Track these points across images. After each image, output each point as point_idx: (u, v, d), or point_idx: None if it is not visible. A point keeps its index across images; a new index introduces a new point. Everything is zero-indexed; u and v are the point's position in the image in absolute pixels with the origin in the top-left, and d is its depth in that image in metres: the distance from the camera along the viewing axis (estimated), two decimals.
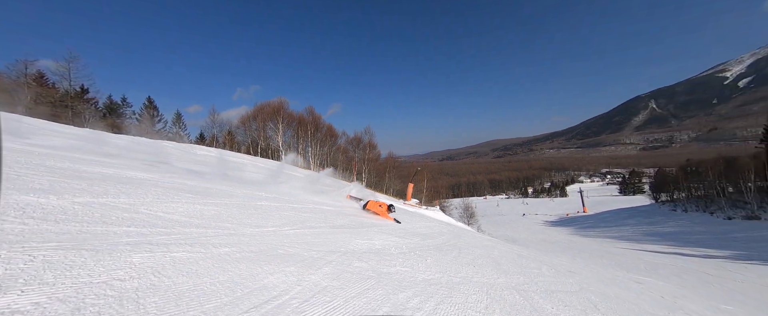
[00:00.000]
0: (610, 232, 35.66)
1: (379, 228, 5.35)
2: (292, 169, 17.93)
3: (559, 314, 3.03)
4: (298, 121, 27.38)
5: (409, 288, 2.67)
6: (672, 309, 5.21)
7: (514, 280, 4.11)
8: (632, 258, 18.01)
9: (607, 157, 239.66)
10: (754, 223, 26.70)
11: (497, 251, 6.70)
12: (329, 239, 3.74)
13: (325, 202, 6.90)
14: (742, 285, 11.80)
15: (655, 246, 23.94)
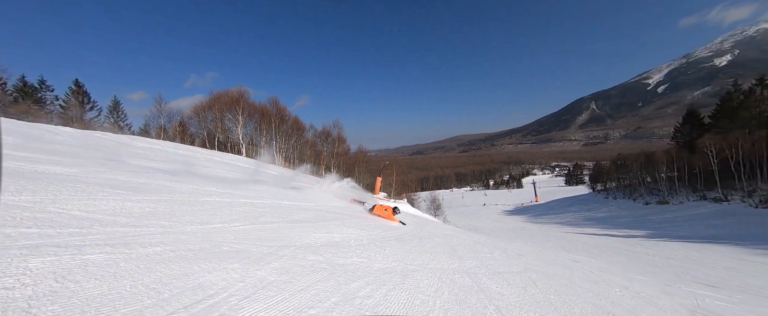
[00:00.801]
0: (557, 218, 39.98)
1: (341, 221, 5.30)
2: (266, 166, 16.91)
3: (502, 292, 3.31)
4: (260, 112, 25.66)
5: (363, 278, 2.69)
6: (597, 282, 6.02)
7: (467, 264, 4.39)
8: (573, 240, 20.42)
9: (557, 151, 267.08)
10: (665, 207, 32.00)
11: (456, 239, 7.09)
12: (285, 234, 3.60)
13: (288, 195, 6.64)
14: (653, 258, 14.10)
15: (590, 229, 27.43)
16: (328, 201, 8.12)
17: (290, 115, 28.63)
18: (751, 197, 24.30)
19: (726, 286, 8.32)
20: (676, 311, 4.68)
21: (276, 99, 27.53)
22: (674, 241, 19.14)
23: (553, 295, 3.72)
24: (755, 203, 23.13)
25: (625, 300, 4.65)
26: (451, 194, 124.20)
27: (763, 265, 11.42)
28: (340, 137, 31.91)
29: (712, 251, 15.27)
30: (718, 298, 6.69)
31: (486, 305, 2.77)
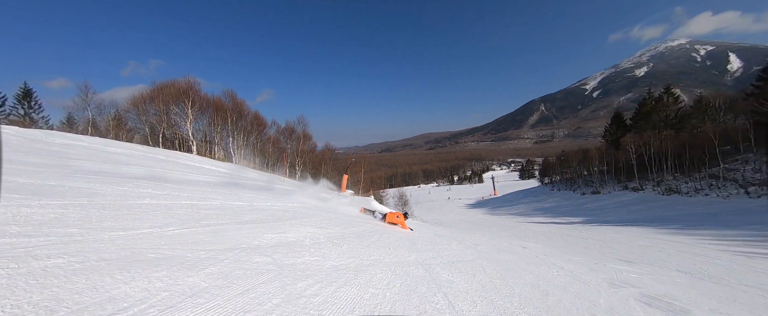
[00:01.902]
0: (512, 210, 43.67)
1: (298, 221, 5.10)
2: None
3: (452, 279, 3.48)
4: (214, 106, 23.39)
5: (312, 276, 2.61)
6: (539, 264, 6.71)
7: (424, 256, 4.54)
8: (524, 229, 22.50)
9: (512, 149, 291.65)
10: (597, 196, 36.92)
11: (417, 232, 7.31)
12: (230, 236, 3.34)
13: (241, 196, 6.18)
14: (587, 241, 16.19)
15: (539, 218, 30.51)
16: (292, 200, 7.77)
17: (250, 110, 26.68)
18: (659, 186, 29.22)
19: (639, 261, 9.88)
20: (599, 284, 5.41)
21: (233, 92, 25.39)
22: (604, 225, 22.16)
23: (498, 279, 4.04)
24: (662, 191, 27.86)
25: (559, 278, 5.24)
26: (418, 190, 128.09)
27: (665, 242, 13.78)
28: (305, 134, 30.65)
29: (631, 232, 17.96)
30: (633, 271, 7.87)
31: (435, 292, 2.89)
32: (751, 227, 14.49)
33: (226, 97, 25.38)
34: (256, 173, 16.50)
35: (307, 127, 31.06)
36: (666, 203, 24.89)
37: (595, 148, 43.49)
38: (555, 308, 3.29)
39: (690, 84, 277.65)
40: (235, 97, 25.13)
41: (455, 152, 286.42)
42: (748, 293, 6.48)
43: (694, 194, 24.46)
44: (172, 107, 21.67)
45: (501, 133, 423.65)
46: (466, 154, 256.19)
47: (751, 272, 8.33)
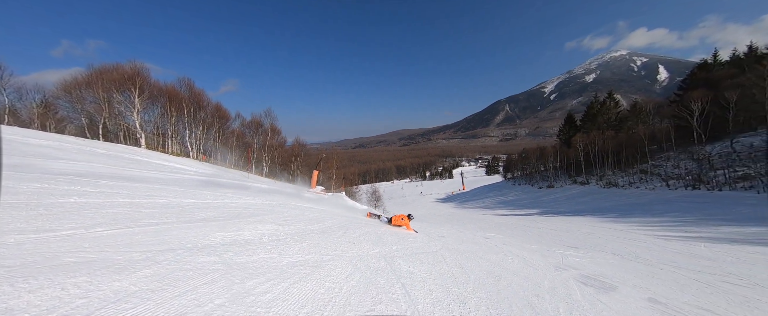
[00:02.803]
0: (478, 203, 46.25)
1: (258, 218, 4.85)
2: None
3: (412, 270, 3.58)
4: (168, 95, 21.07)
5: (265, 274, 2.50)
6: (498, 252, 7.20)
7: (388, 249, 4.61)
8: (488, 221, 23.97)
9: (480, 146, 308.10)
10: (552, 190, 40.60)
11: (385, 227, 7.38)
12: (174, 236, 3.06)
13: (195, 193, 5.69)
14: (541, 230, 17.75)
15: (502, 211, 32.72)
16: (258, 197, 7.34)
17: (210, 101, 24.52)
18: (601, 180, 32.98)
19: (582, 246, 11.07)
20: (546, 268, 5.96)
21: (189, 81, 23.06)
22: (556, 216, 24.43)
23: (457, 268, 4.24)
24: (603, 185, 31.49)
25: (513, 264, 5.67)
26: (391, 185, 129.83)
27: (604, 229, 15.60)
28: (273, 128, 29.12)
29: (577, 221, 20.02)
30: (576, 256, 8.78)
31: (393, 283, 2.94)
32: (671, 214, 17.00)
33: (181, 85, 23.08)
34: (215, 169, 15.37)
35: (275, 120, 29.59)
36: (606, 195, 28.18)
37: (551, 147, 47.62)
38: (505, 290, 3.55)
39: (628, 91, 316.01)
40: (193, 86, 22.97)
41: (428, 149, 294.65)
42: (664, 269, 7.61)
43: (628, 187, 28.00)
44: (115, 95, 19.13)
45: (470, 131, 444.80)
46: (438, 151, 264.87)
47: (667, 252, 9.78)
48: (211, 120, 25.44)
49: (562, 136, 46.65)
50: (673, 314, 3.88)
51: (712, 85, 27.73)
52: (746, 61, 29.47)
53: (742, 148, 22.76)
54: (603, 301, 3.89)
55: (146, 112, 21.57)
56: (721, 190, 19.58)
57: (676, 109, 28.87)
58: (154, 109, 22.06)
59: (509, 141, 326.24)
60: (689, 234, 11.94)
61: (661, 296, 4.78)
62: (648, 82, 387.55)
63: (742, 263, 7.49)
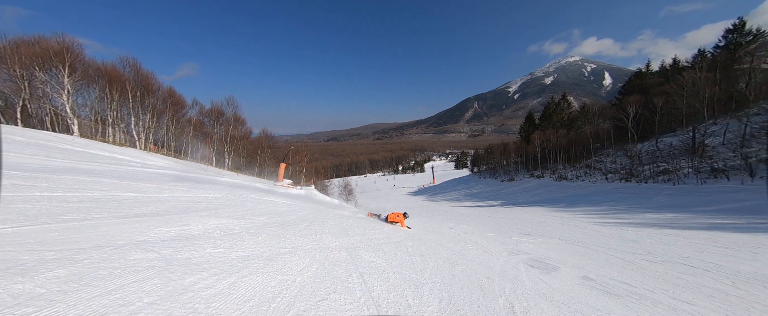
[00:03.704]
0: (447, 196, 48.30)
1: (211, 212, 4.52)
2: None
3: (372, 260, 3.62)
4: (108, 76, 18.33)
5: (210, 269, 2.34)
6: (459, 241, 7.61)
7: (351, 241, 4.60)
8: (455, 213, 25.18)
9: (450, 141, 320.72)
10: (512, 183, 43.82)
11: (351, 220, 7.37)
12: (102, 232, 2.72)
13: (134, 187, 5.09)
14: (501, 220, 19.13)
15: (468, 203, 34.59)
16: (215, 191, 6.76)
17: (161, 85, 21.89)
18: (554, 173, 36.37)
19: (535, 233, 12.15)
20: (500, 253, 6.44)
21: (135, 61, 20.27)
22: (515, 206, 26.46)
23: (417, 256, 4.39)
24: (555, 178, 34.77)
25: (471, 252, 6.04)
26: (364, 179, 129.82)
27: (554, 218, 17.27)
28: (236, 118, 27.09)
29: (533, 211, 21.89)
30: (529, 242, 9.61)
31: (351, 273, 2.95)
32: (607, 204, 19.34)
33: (124, 66, 20.28)
34: (166, 161, 13.99)
35: (238, 109, 27.54)
36: (557, 187, 31.17)
37: (513, 143, 51.18)
38: (460, 275, 3.76)
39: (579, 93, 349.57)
40: (139, 68, 20.32)
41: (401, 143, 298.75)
42: (598, 251, 8.67)
43: (575, 180, 31.25)
44: (37, 73, 16.22)
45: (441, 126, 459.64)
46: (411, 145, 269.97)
47: (602, 236, 11.16)
48: (163, 107, 22.93)
49: (522, 133, 50.31)
50: (599, 288, 4.45)
51: (644, 92, 31.86)
52: (671, 72, 34.28)
53: (664, 146, 26.63)
54: (544, 280, 4.32)
55: (80, 95, 18.70)
56: (647, 182, 22.75)
57: (616, 112, 32.74)
58: (90, 91, 19.19)
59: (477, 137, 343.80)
60: (620, 220, 13.71)
61: (592, 274, 5.45)
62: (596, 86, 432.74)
63: (659, 244, 8.82)
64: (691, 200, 15.37)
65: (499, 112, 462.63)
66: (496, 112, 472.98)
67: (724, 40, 30.04)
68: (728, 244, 7.37)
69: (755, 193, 14.21)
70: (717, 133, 23.40)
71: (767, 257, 6.02)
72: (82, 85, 18.36)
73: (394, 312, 2.22)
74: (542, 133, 40.30)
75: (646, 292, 4.39)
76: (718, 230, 9.22)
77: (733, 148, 20.23)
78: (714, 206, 13.37)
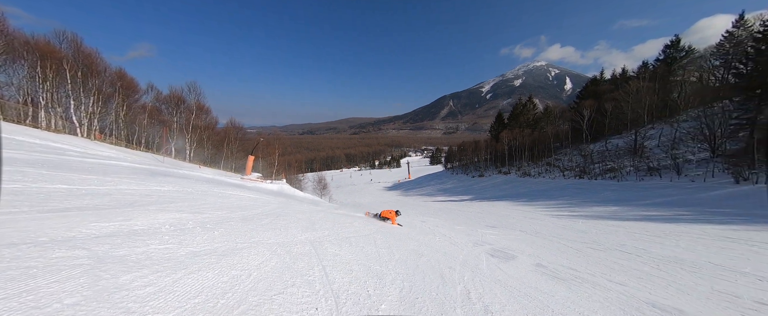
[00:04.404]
0: (421, 191, 49.52)
1: (161, 206, 4.15)
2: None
3: (338, 253, 3.59)
4: (39, 51, 15.71)
5: (151, 266, 2.15)
6: (428, 233, 7.84)
7: (318, 235, 4.52)
8: (428, 207, 25.93)
9: (426, 138, 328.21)
10: (482, 178, 46.17)
11: (321, 214, 7.23)
12: (19, 228, 2.36)
13: (67, 178, 4.48)
14: (469, 213, 20.10)
15: (441, 197, 35.79)
16: (169, 184, 6.16)
17: (107, 66, 19.31)
18: (519, 170, 38.92)
19: (499, 225, 12.93)
20: (466, 245, 6.76)
21: (75, 36, 17.62)
22: (484, 201, 27.89)
23: (384, 249, 4.44)
24: (520, 174, 37.25)
25: (438, 243, 6.26)
26: (340, 174, 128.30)
27: (518, 211, 18.51)
28: (200, 106, 24.98)
29: (499, 205, 23.24)
30: (493, 233, 10.19)
31: (313, 266, 2.89)
32: (564, 198, 21.15)
33: (62, 41, 17.63)
34: (114, 151, 12.60)
35: (201, 96, 25.45)
36: (521, 183, 33.42)
37: (484, 141, 53.71)
38: (424, 265, 3.88)
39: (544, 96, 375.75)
40: (80, 44, 17.80)
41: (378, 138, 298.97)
42: (552, 241, 9.48)
43: (537, 176, 33.73)
44: None
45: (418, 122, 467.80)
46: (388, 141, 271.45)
47: (557, 228, 12.22)
48: (112, 90, 20.46)
49: (492, 131, 52.95)
50: (549, 274, 4.87)
51: (597, 97, 35.10)
52: (620, 81, 38.12)
53: (612, 147, 29.71)
54: (502, 268, 4.62)
55: (3, 72, 15.96)
56: (597, 179, 25.27)
57: (574, 115, 35.74)
58: (16, 68, 16.45)
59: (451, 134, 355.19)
60: (573, 213, 15.08)
61: (545, 261, 5.94)
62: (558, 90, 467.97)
63: (603, 233, 9.86)
64: (630, 195, 17.37)
65: (473, 111, 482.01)
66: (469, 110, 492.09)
67: (662, 54, 34.06)
68: (657, 232, 8.45)
69: (680, 188, 16.44)
70: (653, 137, 26.63)
71: (686, 243, 7.02)
72: (5, 61, 15.68)
73: (353, 303, 2.22)
74: (510, 132, 42.73)
75: (588, 276, 4.89)
76: (650, 220, 10.54)
77: (666, 150, 23.17)
78: (648, 200, 15.24)
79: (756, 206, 11.11)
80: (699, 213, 10.75)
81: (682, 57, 31.92)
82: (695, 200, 13.53)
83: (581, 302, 3.41)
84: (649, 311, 3.27)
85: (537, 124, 43.35)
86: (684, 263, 5.46)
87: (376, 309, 2.21)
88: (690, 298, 3.86)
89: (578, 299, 3.54)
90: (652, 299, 3.76)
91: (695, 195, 14.43)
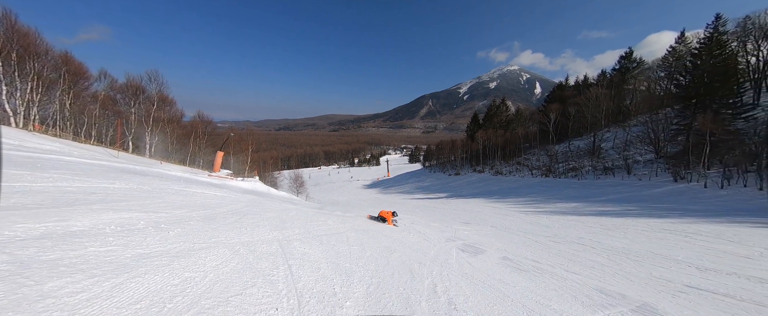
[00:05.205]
0: (400, 189, 50.06)
1: (109, 205, 3.76)
2: None
3: (307, 251, 3.50)
4: None
5: (87, 271, 1.93)
6: (403, 231, 7.93)
7: (288, 233, 4.37)
8: (406, 204, 26.25)
9: (405, 136, 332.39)
10: (459, 176, 47.74)
11: (293, 213, 7.02)
12: None
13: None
14: (445, 210, 20.70)
15: (419, 195, 36.45)
16: (121, 181, 5.54)
17: (50, 48, 16.97)
18: (492, 169, 40.77)
19: (472, 221, 13.45)
20: (439, 240, 6.94)
21: (8, 12, 15.22)
22: (460, 198, 28.83)
23: (356, 246, 4.42)
24: (493, 173, 39.04)
25: (412, 240, 6.36)
26: (319, 171, 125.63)
27: (490, 208, 19.37)
28: (162, 97, 22.96)
29: (473, 202, 24.15)
30: (466, 230, 10.55)
31: (279, 265, 2.79)
32: (531, 195, 22.49)
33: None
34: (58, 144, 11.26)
35: (164, 87, 23.44)
36: (494, 181, 35.06)
37: (460, 140, 55.53)
38: (394, 262, 3.91)
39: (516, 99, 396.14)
40: (14, 22, 15.53)
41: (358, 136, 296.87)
42: (519, 235, 10.05)
43: (508, 175, 35.58)
44: None
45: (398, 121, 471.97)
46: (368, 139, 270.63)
47: (524, 223, 12.97)
48: (56, 76, 18.20)
49: (469, 131, 54.88)
50: (513, 266, 5.15)
51: (562, 102, 37.74)
52: (582, 87, 41.28)
53: (574, 148, 32.16)
54: (470, 262, 4.81)
55: None
56: (561, 178, 27.21)
57: (541, 117, 38.13)
58: None
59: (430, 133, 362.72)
60: (539, 209, 16.10)
61: (511, 254, 6.28)
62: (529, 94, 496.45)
63: (563, 227, 10.64)
64: (589, 192, 18.90)
65: (451, 111, 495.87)
66: (448, 110, 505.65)
67: (618, 65, 37.40)
68: (610, 226, 9.28)
69: (630, 186, 18.20)
70: (609, 139, 29.21)
71: (632, 235, 7.78)
72: None
73: (317, 301, 2.17)
74: (485, 132, 44.56)
75: (548, 267, 5.24)
76: (604, 215, 11.54)
77: (619, 151, 25.53)
78: (604, 197, 16.69)
79: (690, 202, 12.64)
80: (644, 208, 11.99)
81: (634, 68, 35.30)
82: (642, 196, 15.08)
83: (539, 291, 3.64)
84: (596, 297, 3.58)
85: (509, 126, 45.64)
86: (630, 253, 6.05)
87: (340, 307, 2.18)
88: (632, 283, 4.28)
89: (537, 288, 3.79)
90: (601, 285, 4.13)
91: (642, 192, 16.07)
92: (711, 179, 14.72)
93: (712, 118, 16.37)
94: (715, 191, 13.63)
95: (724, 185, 13.43)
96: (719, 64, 18.36)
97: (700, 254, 5.73)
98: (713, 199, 12.42)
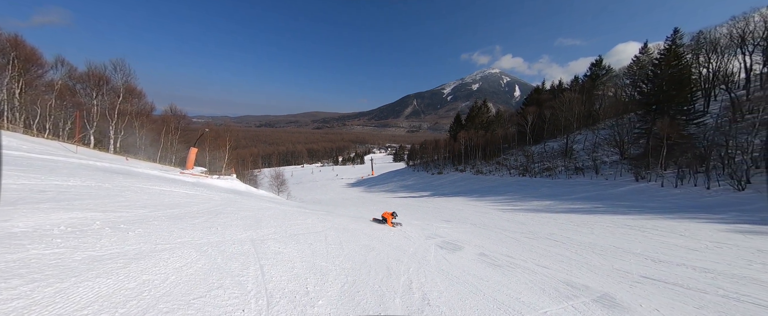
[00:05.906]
0: (384, 187, 50.19)
1: (60, 204, 3.44)
2: None
3: (281, 251, 3.40)
4: None
5: (25, 276, 1.75)
6: (383, 229, 7.95)
7: (262, 233, 4.23)
8: (389, 202, 26.35)
9: (390, 135, 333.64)
10: (441, 175, 48.68)
11: (271, 212, 6.82)
12: None
13: None
14: (427, 208, 21.02)
15: (403, 193, 36.74)
16: (77, 178, 5.06)
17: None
18: (473, 168, 41.97)
19: (453, 219, 13.75)
20: (419, 238, 7.03)
21: None
22: (442, 196, 29.38)
23: (335, 245, 4.36)
24: (474, 172, 40.20)
25: (392, 238, 6.38)
26: (302, 169, 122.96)
27: (470, 206, 19.90)
28: (129, 88, 21.32)
29: (455, 200, 24.71)
30: (446, 227, 10.76)
31: (249, 265, 2.69)
32: (509, 194, 23.39)
33: None
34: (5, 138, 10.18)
35: (132, 77, 21.80)
36: (475, 180, 36.10)
37: (443, 140, 56.59)
38: (372, 259, 3.90)
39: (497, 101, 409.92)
40: None
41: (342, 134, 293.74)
42: (496, 232, 10.42)
43: (488, 174, 36.78)
44: None
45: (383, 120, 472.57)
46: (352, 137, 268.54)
47: (501, 220, 13.46)
48: (3, 61, 16.39)
49: (451, 131, 56.05)
50: (489, 261, 5.33)
51: (539, 104, 39.59)
52: (557, 91, 43.50)
53: (549, 149, 33.86)
54: (447, 259, 4.91)
55: None
56: (536, 177, 28.53)
57: (519, 119, 39.76)
58: None
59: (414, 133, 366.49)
60: (516, 207, 16.78)
61: (487, 250, 6.49)
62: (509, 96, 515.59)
63: (537, 224, 11.16)
64: (561, 191, 19.97)
65: (435, 112, 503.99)
66: (432, 110, 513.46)
67: (589, 71, 39.78)
68: (579, 223, 9.84)
69: (597, 185, 19.42)
70: (580, 141, 31.02)
71: (598, 230, 8.31)
72: None
73: (288, 301, 2.12)
74: (467, 132, 45.72)
75: (521, 262, 5.47)
76: (575, 212, 12.24)
77: (588, 153, 27.17)
78: (574, 196, 17.70)
79: (649, 200, 13.72)
80: (609, 206, 12.85)
81: (603, 75, 37.71)
82: (608, 194, 16.15)
83: (511, 285, 3.79)
84: (563, 289, 3.79)
85: (490, 126, 47.15)
86: (595, 248, 6.46)
87: (312, 306, 2.14)
88: (595, 276, 4.57)
89: (509, 282, 3.94)
90: (568, 278, 4.37)
91: (608, 191, 17.22)
92: (667, 178, 16.07)
93: (668, 124, 17.86)
94: (670, 189, 14.90)
95: (677, 185, 14.71)
96: (676, 74, 20.06)
97: (655, 248, 6.23)
98: (668, 197, 13.56)
